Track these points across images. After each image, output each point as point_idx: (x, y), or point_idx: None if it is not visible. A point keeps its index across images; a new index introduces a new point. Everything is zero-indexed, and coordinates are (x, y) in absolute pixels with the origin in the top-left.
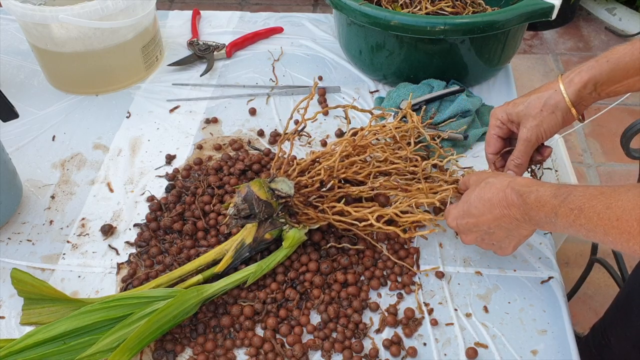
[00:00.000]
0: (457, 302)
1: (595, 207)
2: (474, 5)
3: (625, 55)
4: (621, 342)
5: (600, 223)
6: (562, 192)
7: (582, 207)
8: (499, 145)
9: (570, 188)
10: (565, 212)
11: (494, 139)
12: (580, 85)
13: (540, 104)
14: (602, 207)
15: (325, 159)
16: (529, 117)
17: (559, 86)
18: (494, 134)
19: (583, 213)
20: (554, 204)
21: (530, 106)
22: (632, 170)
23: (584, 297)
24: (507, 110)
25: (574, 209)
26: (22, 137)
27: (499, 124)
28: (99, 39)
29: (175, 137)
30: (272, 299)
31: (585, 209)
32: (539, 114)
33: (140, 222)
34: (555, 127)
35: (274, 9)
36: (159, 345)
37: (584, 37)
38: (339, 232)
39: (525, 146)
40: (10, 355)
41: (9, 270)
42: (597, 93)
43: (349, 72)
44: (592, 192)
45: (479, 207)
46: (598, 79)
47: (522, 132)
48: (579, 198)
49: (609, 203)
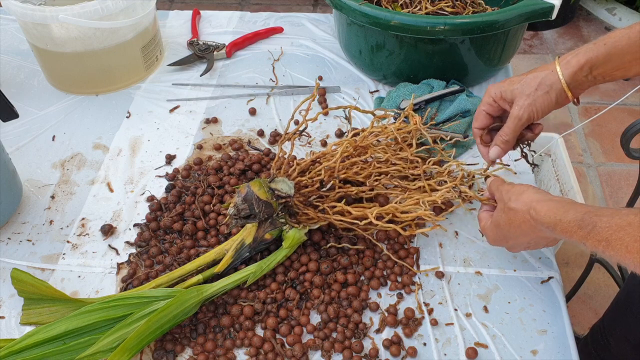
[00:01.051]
0: (457, 302)
1: (623, 239)
2: (474, 5)
3: (622, 38)
4: (620, 342)
5: (629, 256)
6: (587, 223)
7: (609, 239)
8: (487, 122)
9: (595, 217)
10: (592, 244)
11: (482, 115)
12: (577, 67)
13: (535, 83)
14: (629, 240)
15: (325, 159)
16: (522, 95)
17: (556, 67)
18: (483, 109)
19: (610, 245)
20: (580, 235)
21: (525, 84)
22: (632, 170)
23: (584, 297)
24: (502, 88)
25: (602, 241)
26: (22, 137)
27: (491, 101)
28: (99, 39)
29: (175, 137)
30: (272, 299)
31: (612, 242)
32: (533, 93)
33: (140, 222)
34: (548, 107)
35: (274, 9)
36: (159, 345)
37: (584, 37)
38: (339, 232)
39: (515, 124)
40: (10, 355)
41: (9, 270)
42: (592, 76)
43: (349, 72)
44: (617, 222)
45: (511, 232)
46: (594, 62)
47: (514, 110)
48: (605, 230)
49: (636, 236)
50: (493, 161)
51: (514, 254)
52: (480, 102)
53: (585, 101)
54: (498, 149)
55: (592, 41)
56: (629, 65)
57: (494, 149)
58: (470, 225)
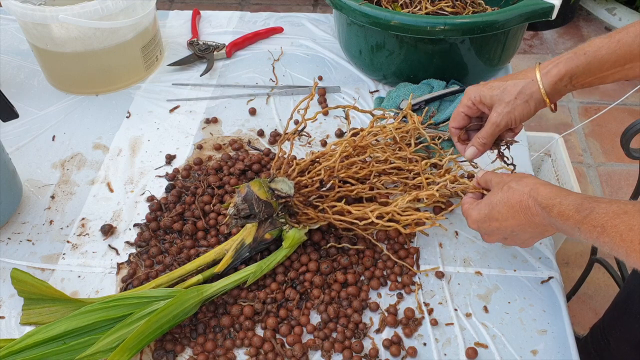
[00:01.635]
0: (457, 302)
1: (618, 226)
2: (474, 5)
3: (602, 48)
4: (620, 342)
5: (623, 244)
6: (585, 207)
7: (604, 225)
8: (464, 122)
9: (594, 203)
10: (587, 229)
11: (460, 116)
12: (557, 78)
13: (515, 91)
14: (624, 228)
15: (325, 159)
16: (502, 103)
17: (536, 76)
18: (461, 111)
19: (605, 232)
20: (576, 218)
21: (505, 92)
22: (632, 170)
23: (584, 297)
24: (481, 93)
25: (597, 227)
26: (22, 137)
27: (470, 104)
28: (99, 39)
29: (175, 137)
30: (272, 299)
31: (608, 228)
32: (513, 101)
33: (140, 222)
34: (526, 116)
35: (274, 9)
36: (159, 345)
37: (584, 37)
38: (339, 232)
39: (492, 129)
40: (10, 355)
41: (9, 270)
42: (572, 85)
43: (349, 72)
44: (615, 209)
45: (502, 211)
46: (575, 71)
47: (493, 116)
48: (601, 215)
49: (631, 224)
50: (470, 160)
51: (514, 253)
52: (459, 104)
53: (585, 101)
54: (474, 149)
55: (573, 49)
56: (608, 74)
57: (470, 149)
58: None
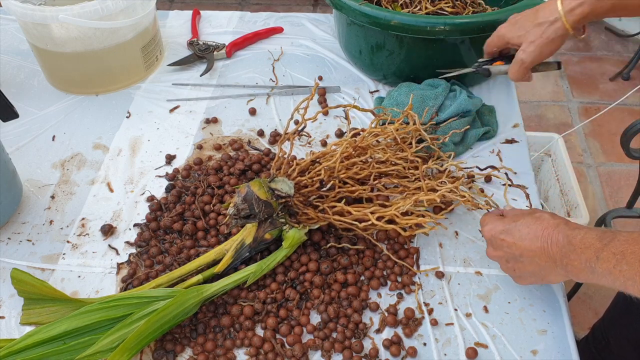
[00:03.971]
0: (457, 302)
1: (637, 252)
2: (474, 5)
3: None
4: (621, 342)
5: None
6: (607, 236)
7: (624, 252)
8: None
9: (616, 233)
10: (607, 256)
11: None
12: (581, 16)
13: (540, 31)
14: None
15: (325, 159)
16: (529, 43)
17: (562, 17)
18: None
19: (625, 258)
20: (597, 246)
21: (531, 33)
22: (632, 170)
23: (584, 297)
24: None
25: (617, 254)
26: (22, 137)
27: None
28: (99, 39)
29: (175, 137)
30: (272, 299)
31: (627, 255)
32: (539, 40)
33: (140, 222)
34: (551, 52)
35: (274, 9)
36: (159, 345)
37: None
38: (339, 232)
39: (519, 66)
40: (10, 355)
41: (9, 270)
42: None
43: (349, 72)
44: (635, 237)
45: (522, 231)
46: (598, 11)
47: (520, 54)
48: (622, 243)
49: None
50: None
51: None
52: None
53: (585, 101)
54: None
55: None
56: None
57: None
58: (470, 225)
